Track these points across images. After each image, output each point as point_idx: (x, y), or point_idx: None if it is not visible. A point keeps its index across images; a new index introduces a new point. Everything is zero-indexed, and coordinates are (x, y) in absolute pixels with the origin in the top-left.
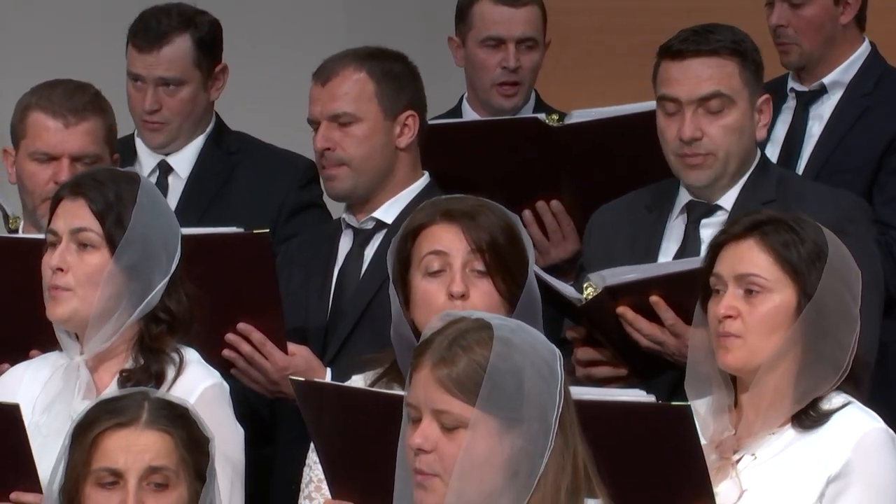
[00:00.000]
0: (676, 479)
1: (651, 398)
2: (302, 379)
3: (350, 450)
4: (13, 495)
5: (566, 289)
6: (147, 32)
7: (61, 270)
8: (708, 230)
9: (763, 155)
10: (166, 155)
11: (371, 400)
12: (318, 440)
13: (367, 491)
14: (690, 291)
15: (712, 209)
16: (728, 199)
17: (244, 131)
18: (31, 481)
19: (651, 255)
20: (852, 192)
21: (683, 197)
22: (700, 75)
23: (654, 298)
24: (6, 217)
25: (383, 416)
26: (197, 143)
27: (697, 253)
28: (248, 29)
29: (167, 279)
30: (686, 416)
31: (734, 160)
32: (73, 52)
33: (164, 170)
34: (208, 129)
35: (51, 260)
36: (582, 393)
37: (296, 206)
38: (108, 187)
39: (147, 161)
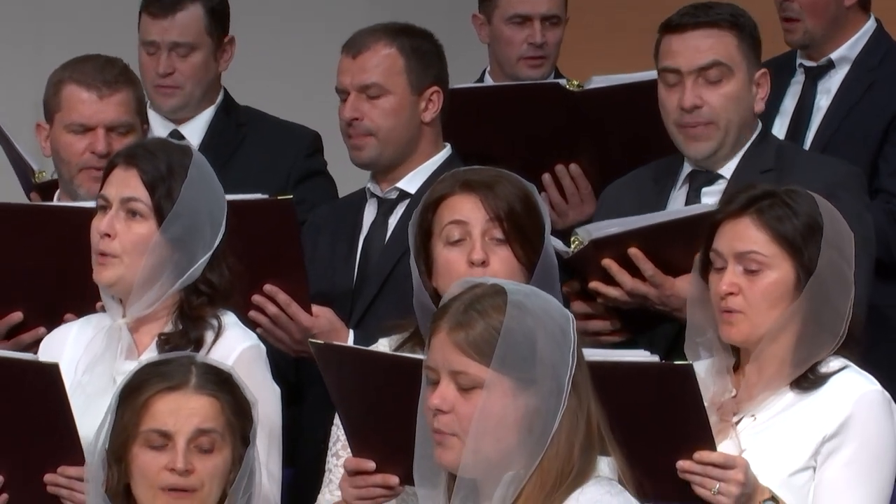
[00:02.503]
0: (681, 434)
1: (655, 358)
2: (321, 342)
3: (368, 410)
4: (60, 469)
5: (556, 243)
6: (161, 1)
7: (108, 236)
8: (709, 198)
9: (763, 126)
10: (178, 125)
11: (388, 362)
12: (338, 400)
13: (386, 448)
14: (670, 241)
15: (713, 178)
16: (728, 168)
17: (268, 106)
18: (70, 440)
19: None
20: (846, 161)
21: (686, 168)
22: (699, 46)
23: (632, 251)
24: (32, 173)
25: (400, 378)
26: (207, 114)
27: None
28: (272, 5)
29: (210, 253)
30: (689, 374)
31: (734, 129)
32: (105, 30)
33: (176, 139)
34: (218, 101)
35: (100, 225)
36: (588, 354)
37: (302, 174)
38: (160, 159)
39: (159, 131)
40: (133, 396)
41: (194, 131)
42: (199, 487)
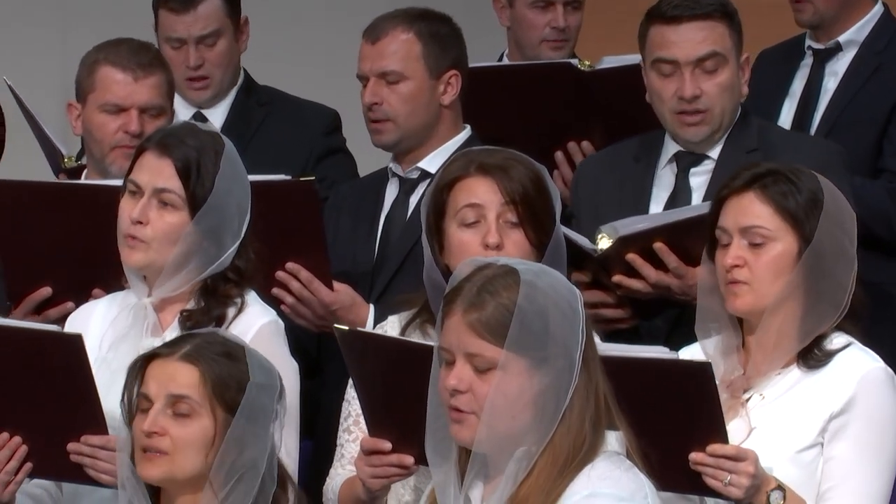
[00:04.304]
0: (695, 428)
1: (674, 355)
2: (346, 328)
3: (388, 393)
4: (83, 438)
5: (581, 240)
6: None
7: (140, 223)
8: (696, 178)
9: (743, 107)
10: (201, 107)
11: (409, 350)
12: (359, 383)
13: (402, 430)
14: (693, 236)
15: (700, 158)
16: (715, 150)
17: (287, 88)
18: (93, 410)
19: (641, 202)
20: (826, 140)
21: (671, 147)
22: (696, 37)
23: (657, 245)
24: (62, 157)
25: (419, 365)
26: (230, 96)
27: (688, 200)
28: None
29: (238, 243)
30: (707, 372)
31: (728, 115)
32: (130, 15)
33: (199, 121)
34: (239, 82)
35: (132, 211)
36: (608, 349)
37: (323, 152)
38: (192, 148)
39: (182, 113)
40: (138, 364)
41: (217, 112)
42: (171, 451)
